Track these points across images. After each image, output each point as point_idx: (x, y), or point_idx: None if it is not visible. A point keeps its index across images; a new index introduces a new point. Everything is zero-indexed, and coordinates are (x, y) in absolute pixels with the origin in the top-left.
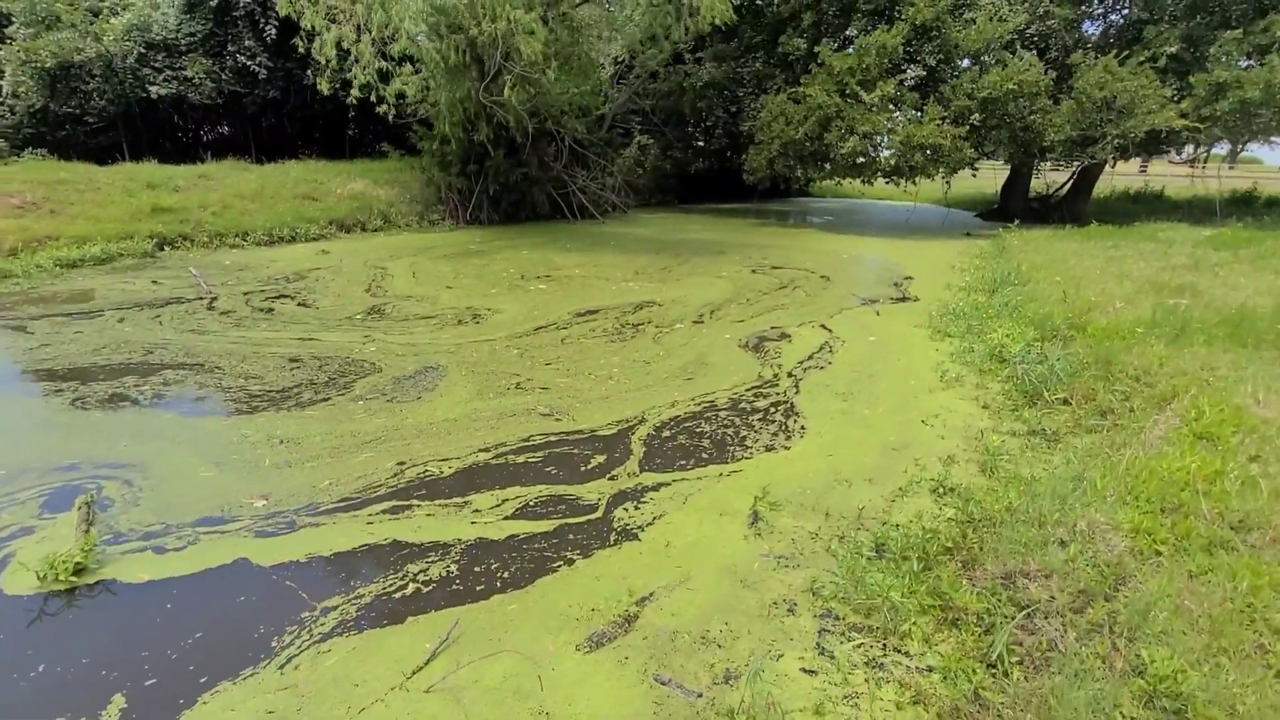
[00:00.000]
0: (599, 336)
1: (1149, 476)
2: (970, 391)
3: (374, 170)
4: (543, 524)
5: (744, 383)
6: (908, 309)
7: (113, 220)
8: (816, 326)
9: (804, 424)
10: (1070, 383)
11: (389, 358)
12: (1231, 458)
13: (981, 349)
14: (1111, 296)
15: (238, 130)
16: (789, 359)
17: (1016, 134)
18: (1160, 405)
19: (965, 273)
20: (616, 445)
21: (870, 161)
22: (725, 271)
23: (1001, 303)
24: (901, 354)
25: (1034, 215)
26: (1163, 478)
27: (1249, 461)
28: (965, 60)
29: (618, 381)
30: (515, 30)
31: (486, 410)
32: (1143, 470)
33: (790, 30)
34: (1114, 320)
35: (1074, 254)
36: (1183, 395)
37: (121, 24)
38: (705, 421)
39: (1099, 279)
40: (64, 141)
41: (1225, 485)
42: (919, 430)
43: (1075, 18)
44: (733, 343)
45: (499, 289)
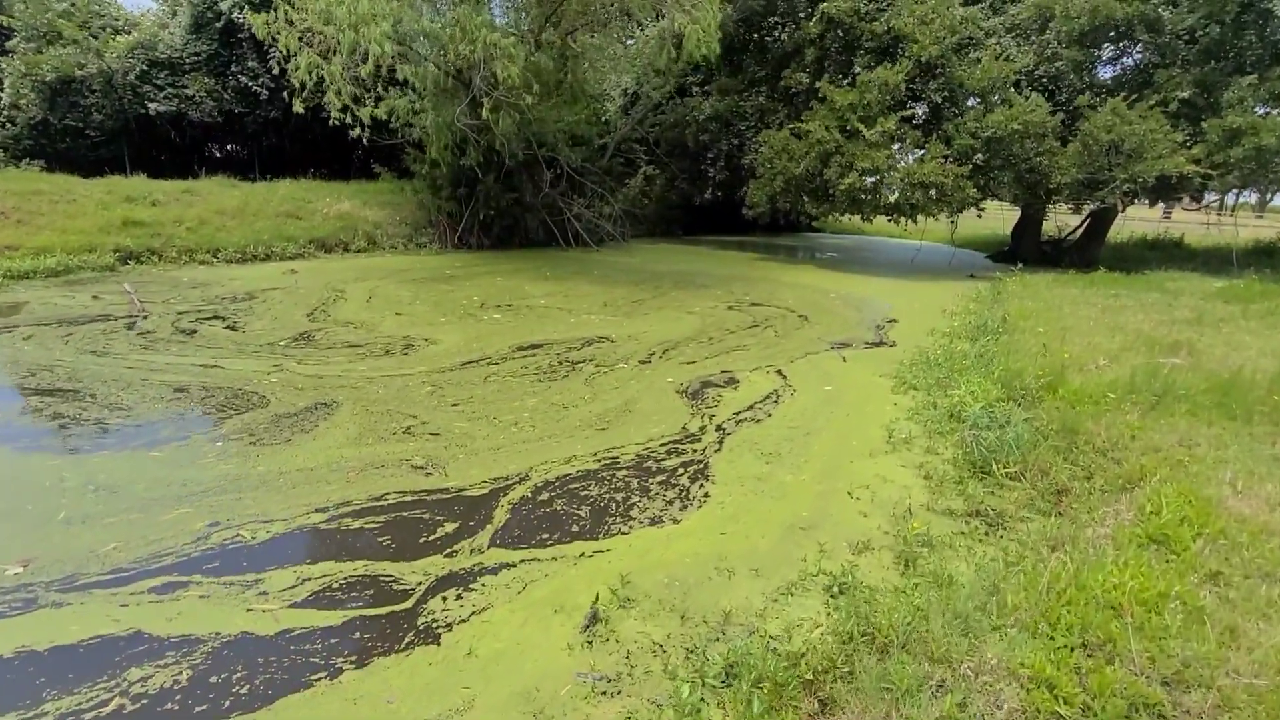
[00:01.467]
0: (528, 374)
1: (1076, 595)
2: (916, 457)
3: (367, 191)
4: (332, 616)
5: (663, 436)
6: (879, 356)
7: (79, 233)
8: (771, 372)
9: (708, 491)
10: (1026, 454)
11: (284, 391)
12: (1185, 574)
13: (944, 406)
14: (1097, 351)
15: (240, 149)
16: (725, 410)
17: (1022, 175)
18: (1124, 488)
19: (955, 317)
20: (479, 510)
21: (870, 198)
22: (699, 307)
23: (977, 353)
24: (853, 408)
25: (1045, 259)
26: (1092, 598)
27: (1206, 580)
28: (971, 99)
29: (521, 429)
30: (494, 54)
31: (354, 459)
32: (1070, 585)
33: (794, 65)
34: (1090, 381)
35: (1071, 302)
36: (1150, 478)
37: (126, 42)
38: (596, 483)
39: (1089, 331)
40: (64, 154)
41: (1167, 617)
42: (840, 505)
43: (1084, 60)
44: (671, 388)
45: (450, 317)
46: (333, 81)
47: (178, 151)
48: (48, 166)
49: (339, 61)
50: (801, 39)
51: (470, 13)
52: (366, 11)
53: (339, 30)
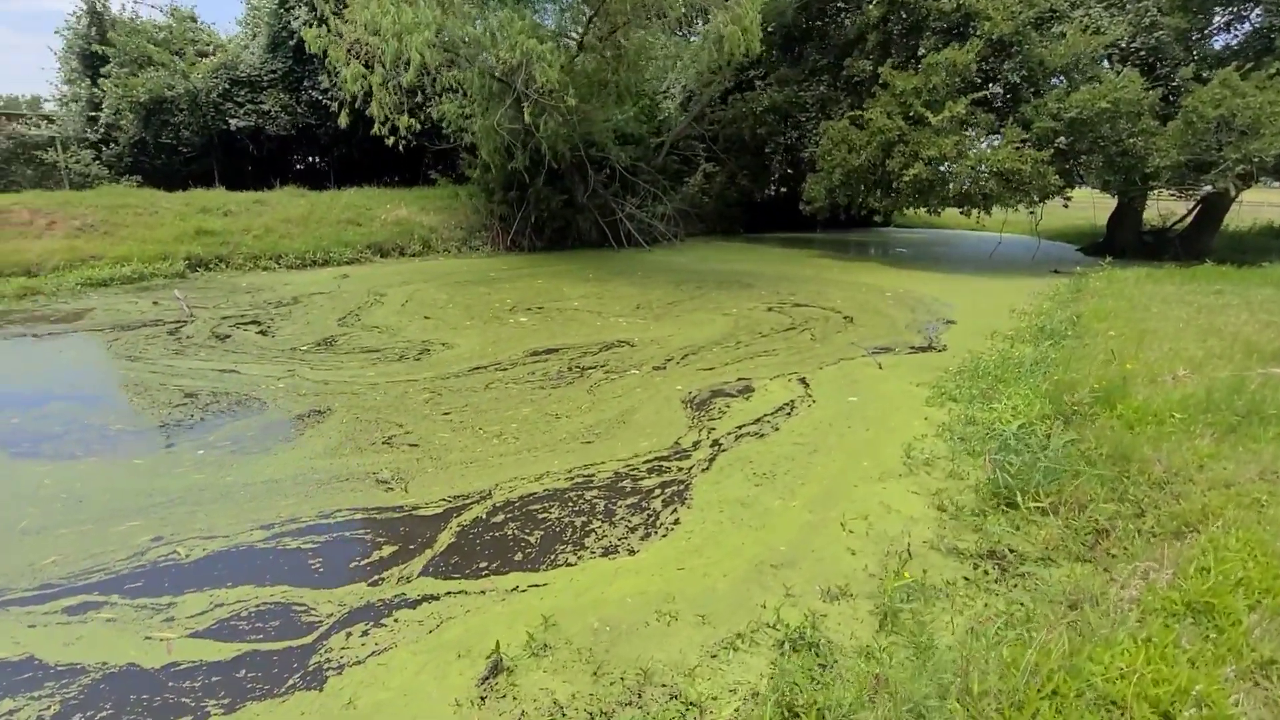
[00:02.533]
0: (533, 381)
1: (1065, 684)
2: (934, 482)
3: (425, 197)
4: (226, 649)
5: (650, 451)
6: (922, 362)
7: (156, 242)
8: (793, 381)
9: (680, 517)
10: (1063, 484)
11: (286, 397)
12: (1223, 662)
13: (982, 421)
14: (1178, 359)
15: (319, 160)
16: (729, 422)
17: (1113, 159)
18: (1178, 532)
19: (1025, 317)
20: (424, 532)
21: (937, 189)
22: (736, 308)
23: (1036, 360)
24: (875, 423)
25: (1146, 251)
26: (1086, 688)
27: (1250, 673)
28: (1053, 78)
29: (503, 440)
30: (532, 58)
31: (322, 471)
32: (1061, 667)
33: (856, 52)
34: (1158, 395)
35: (1161, 300)
36: (1213, 521)
37: (211, 63)
38: (560, 504)
39: (1174, 334)
40: (160, 170)
41: None
42: (827, 538)
43: (1189, 28)
44: (678, 397)
45: (476, 321)
46: (376, 92)
47: (257, 164)
48: (145, 182)
49: (381, 72)
50: (864, 24)
51: (511, 17)
52: (410, 21)
53: (383, 40)
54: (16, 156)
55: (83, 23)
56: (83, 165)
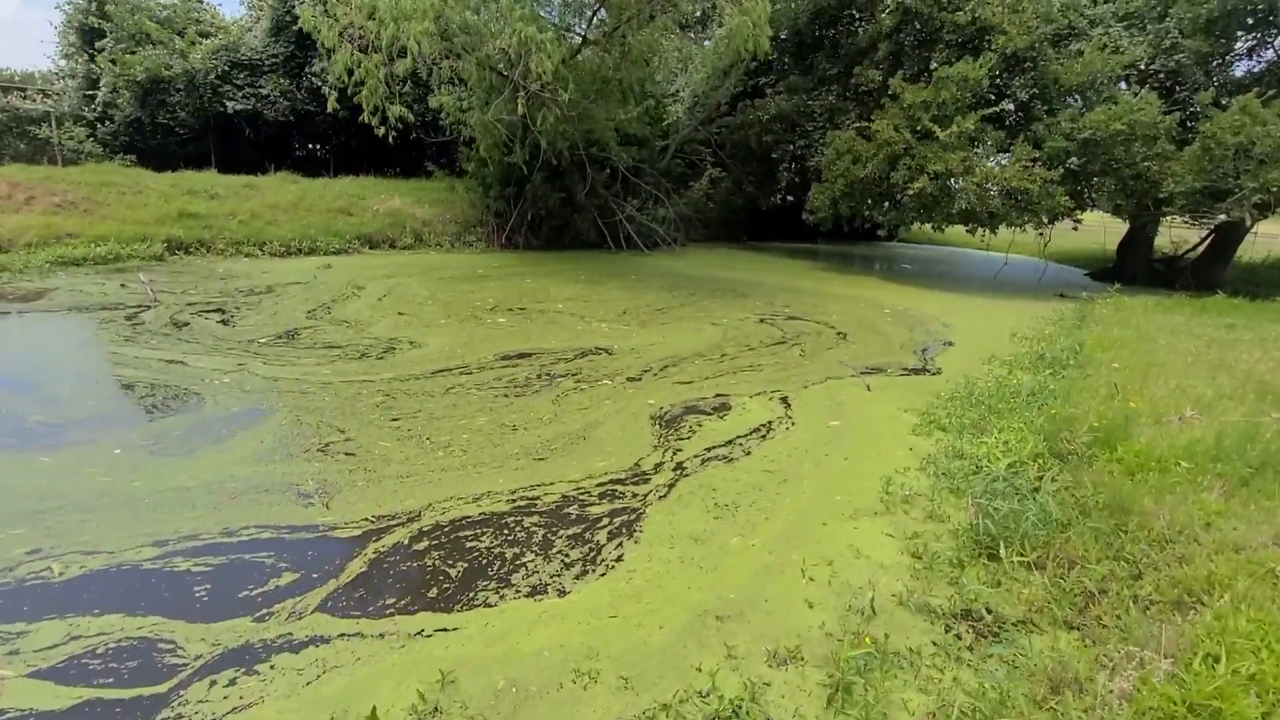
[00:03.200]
0: (496, 388)
1: None
2: (912, 523)
3: (422, 189)
4: (65, 695)
5: (606, 472)
6: (914, 385)
7: (137, 223)
8: (775, 399)
9: (624, 553)
10: (1053, 535)
11: (229, 393)
12: None
13: (971, 455)
14: (1185, 398)
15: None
16: (698, 443)
17: (1126, 182)
18: (1180, 603)
19: (1026, 342)
20: (334, 557)
21: (940, 205)
22: (727, 318)
23: (1033, 390)
24: (855, 451)
25: (1156, 279)
26: None
27: None
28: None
29: (449, 453)
30: (530, 48)
31: (242, 479)
32: None
33: (866, 62)
34: (1163, 438)
35: (1170, 331)
36: (1221, 592)
37: (212, 45)
38: (494, 531)
39: (1181, 370)
40: (156, 150)
41: None
42: (785, 586)
43: (1210, 52)
44: (648, 412)
45: (452, 320)
46: (368, 77)
47: (254, 149)
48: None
49: (376, 59)
50: (876, 33)
51: (510, 4)
52: (409, 7)
53: (380, 24)
54: (9, 130)
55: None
56: (76, 142)
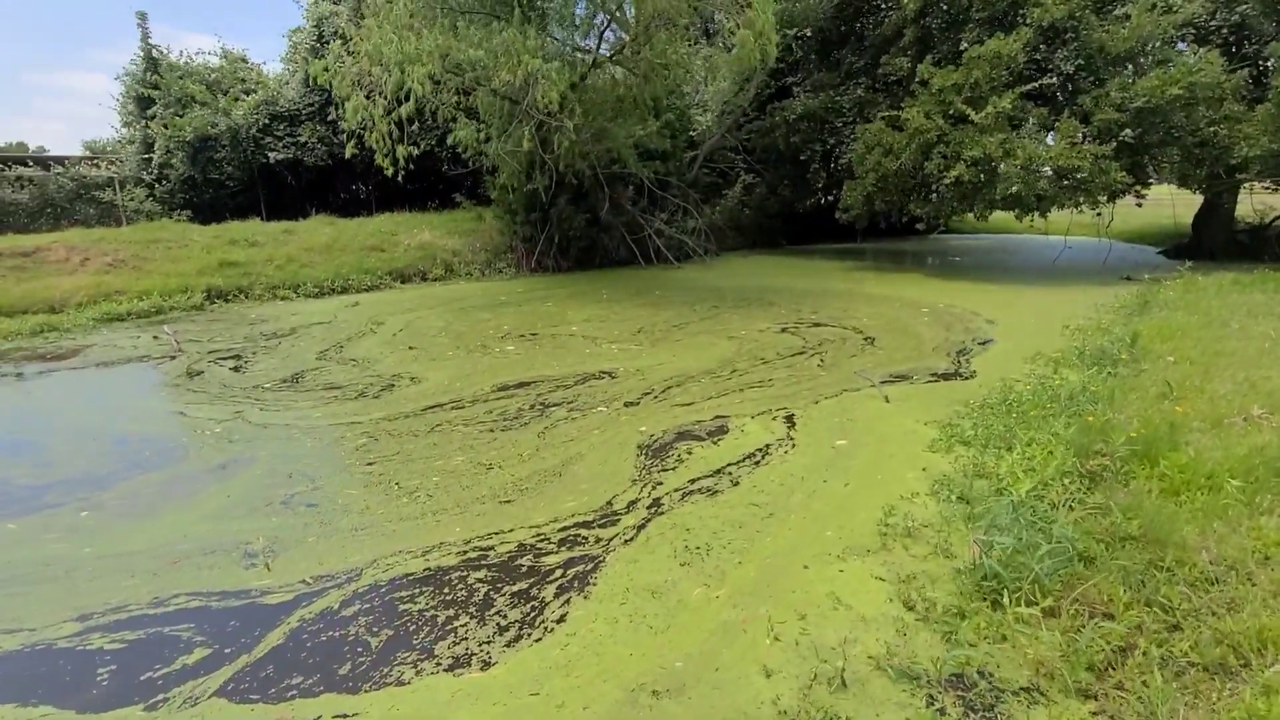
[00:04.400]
0: (484, 423)
1: None
2: (911, 561)
3: (453, 220)
4: None
5: (576, 513)
6: (942, 393)
7: (180, 275)
8: (778, 419)
9: (569, 611)
10: (1071, 578)
11: (214, 445)
12: None
13: (993, 474)
14: (1254, 394)
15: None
16: (683, 474)
17: (1191, 151)
18: (1224, 668)
19: (1079, 335)
20: (254, 628)
21: (981, 191)
22: (746, 330)
23: (1075, 391)
24: (859, 476)
25: (1241, 251)
26: None
27: None
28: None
29: (413, 500)
30: (536, 78)
31: (193, 539)
32: None
33: (893, 50)
34: (1218, 448)
35: (1246, 313)
36: (1276, 652)
37: (253, 101)
38: (435, 590)
39: (1252, 360)
40: (209, 204)
41: None
42: (741, 650)
43: None
44: (637, 440)
45: (460, 351)
46: (376, 125)
47: (298, 195)
48: (194, 216)
49: (382, 103)
50: (900, 19)
51: (516, 36)
52: (412, 51)
53: (385, 70)
54: (79, 196)
55: (139, 68)
56: (137, 203)
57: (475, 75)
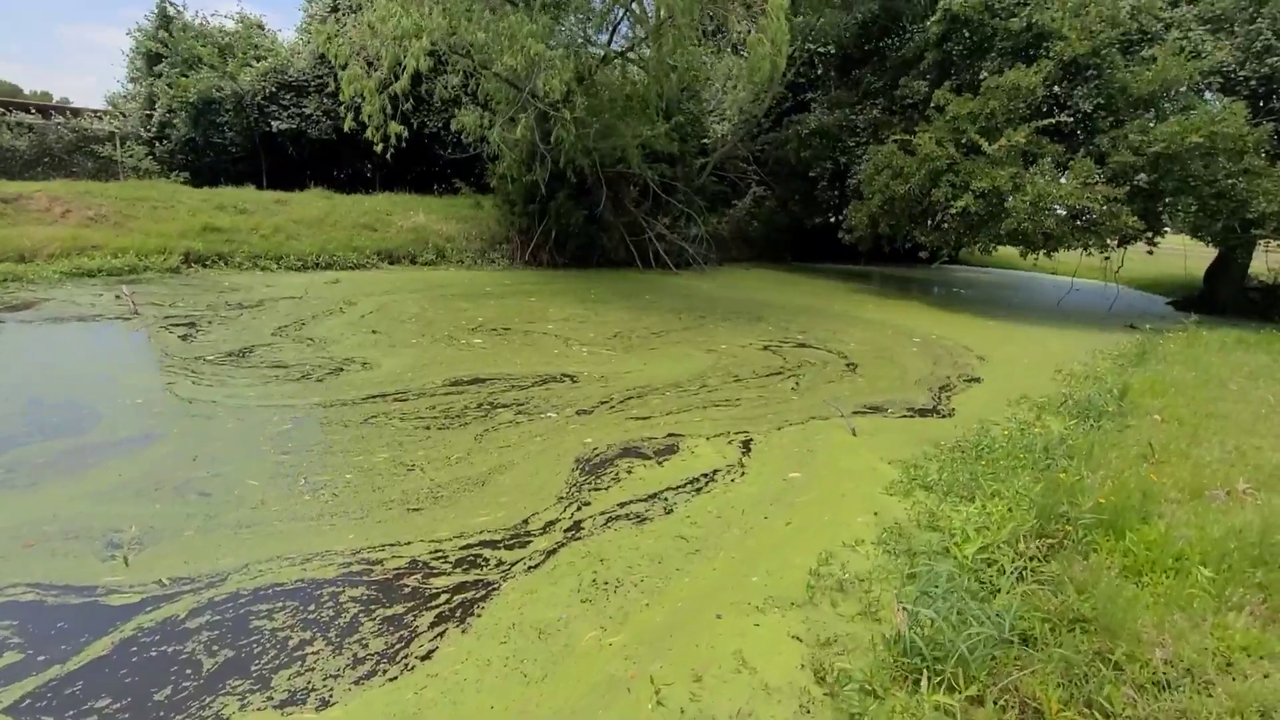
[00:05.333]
0: (424, 418)
1: None
2: (834, 623)
3: (451, 205)
4: None
5: (485, 530)
6: (914, 430)
7: (160, 236)
8: (734, 443)
9: (436, 647)
10: (1004, 663)
11: (131, 415)
12: None
13: (946, 527)
14: (1242, 464)
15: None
16: (614, 496)
17: (1207, 202)
18: None
19: (1070, 382)
20: (82, 634)
21: (987, 225)
22: (727, 344)
23: (1051, 443)
24: (804, 515)
25: (1251, 309)
26: None
27: None
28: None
29: (315, 498)
30: (539, 65)
31: (61, 521)
32: None
33: (912, 73)
34: (1193, 524)
35: (1247, 374)
36: None
37: (263, 67)
38: (299, 606)
39: (1246, 425)
40: (209, 168)
41: None
42: (618, 718)
43: None
44: (576, 453)
45: (424, 340)
46: (368, 99)
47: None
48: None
49: (377, 78)
50: (923, 42)
51: (522, 20)
52: (411, 25)
53: (382, 44)
54: (79, 149)
55: (152, 24)
56: (136, 160)
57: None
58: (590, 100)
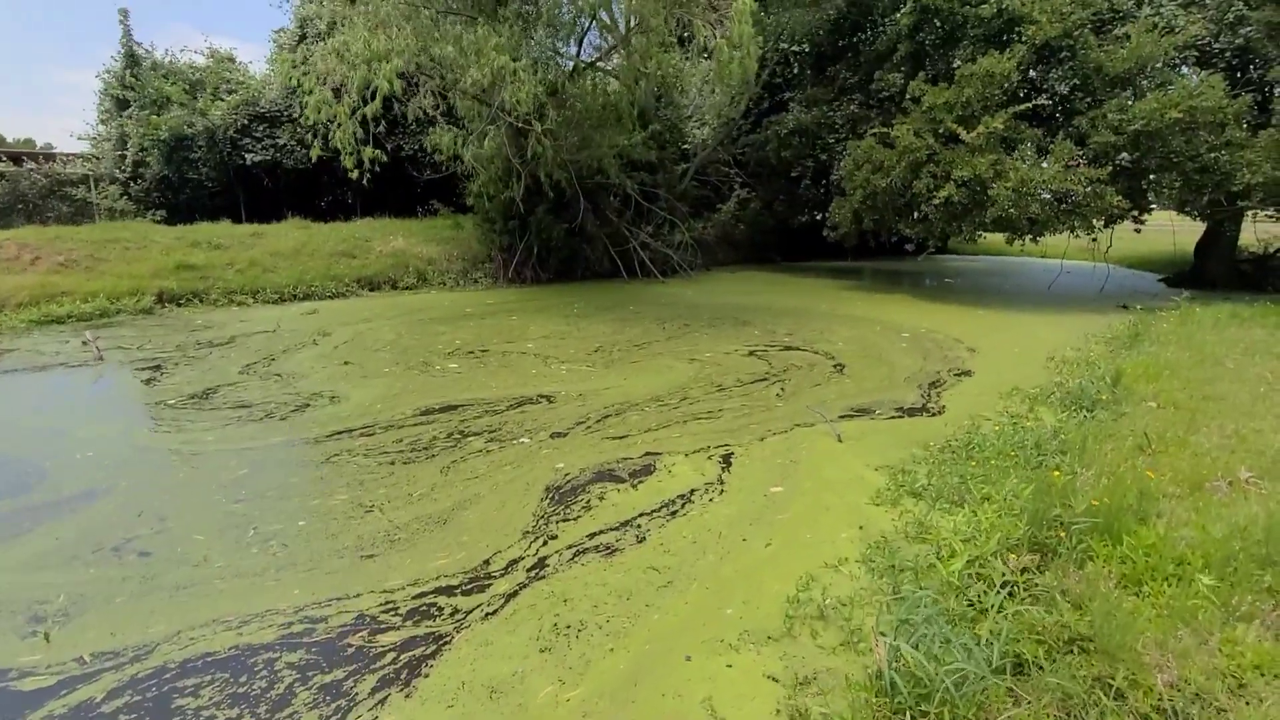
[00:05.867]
0: (389, 453)
1: None
2: (814, 658)
3: (432, 227)
4: None
5: (442, 574)
6: (903, 431)
7: (132, 277)
8: (714, 458)
9: (379, 716)
10: (992, 698)
11: (79, 469)
12: None
13: (935, 537)
14: (1243, 451)
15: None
16: (584, 526)
17: (1190, 177)
18: None
19: (1064, 368)
20: None
21: (971, 213)
22: (711, 351)
23: (1040, 440)
24: (786, 533)
25: (1244, 281)
26: None
27: None
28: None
29: (264, 551)
30: (504, 77)
31: None
32: None
33: (886, 66)
34: (1195, 523)
35: (1244, 350)
36: None
37: (234, 101)
38: (223, 681)
39: (1245, 408)
40: (187, 205)
41: None
42: None
43: None
44: (546, 481)
45: (398, 368)
46: (341, 123)
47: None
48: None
49: (349, 102)
50: (895, 34)
51: (488, 34)
52: (381, 48)
53: (351, 67)
54: (52, 193)
55: (120, 64)
56: (111, 200)
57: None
58: (563, 113)
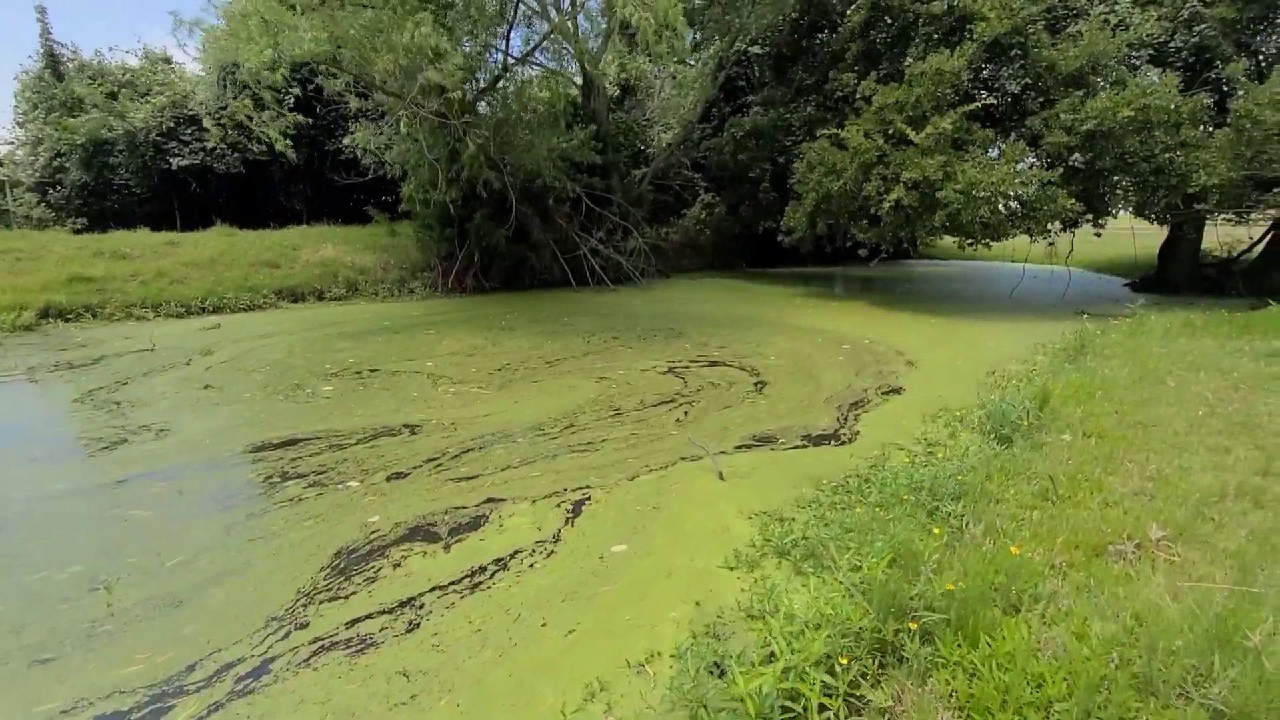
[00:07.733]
0: (178, 504)
1: None
2: None
3: (370, 235)
4: None
5: (123, 689)
6: (801, 465)
7: (17, 290)
8: (566, 504)
9: None
10: None
11: None
12: None
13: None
14: (1171, 492)
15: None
16: (352, 608)
17: (1145, 178)
18: None
19: (1000, 386)
20: None
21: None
22: (627, 368)
23: (935, 482)
24: (601, 617)
25: (1208, 285)
26: None
27: None
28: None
29: None
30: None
31: None
32: None
33: (840, 65)
34: (1062, 620)
35: (1190, 364)
36: None
37: (159, 103)
38: None
39: (1184, 433)
40: (114, 212)
41: None
42: None
43: (1237, 18)
44: (340, 542)
45: (263, 393)
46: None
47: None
48: (91, 224)
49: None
50: (848, 32)
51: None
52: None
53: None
54: None
55: (39, 65)
56: (28, 208)
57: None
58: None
